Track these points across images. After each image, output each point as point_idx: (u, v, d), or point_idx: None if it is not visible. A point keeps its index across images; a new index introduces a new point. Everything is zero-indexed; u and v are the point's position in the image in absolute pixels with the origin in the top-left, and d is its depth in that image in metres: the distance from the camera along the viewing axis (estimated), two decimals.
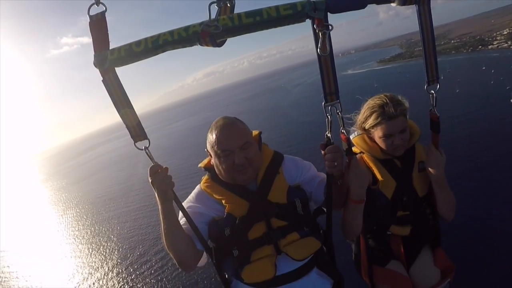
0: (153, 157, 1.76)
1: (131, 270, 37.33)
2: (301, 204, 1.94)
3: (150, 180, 1.72)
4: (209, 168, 2.05)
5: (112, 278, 37.72)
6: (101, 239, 49.89)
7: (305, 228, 1.94)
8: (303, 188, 2.03)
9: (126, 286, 35.00)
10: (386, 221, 2.28)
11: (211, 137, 1.91)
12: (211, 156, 2.00)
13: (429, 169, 2.08)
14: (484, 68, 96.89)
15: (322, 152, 1.84)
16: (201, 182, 2.06)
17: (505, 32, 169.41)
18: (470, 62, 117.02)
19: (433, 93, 1.88)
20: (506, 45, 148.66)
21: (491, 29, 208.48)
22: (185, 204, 1.98)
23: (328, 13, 1.54)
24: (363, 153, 2.30)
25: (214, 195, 1.94)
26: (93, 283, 38.47)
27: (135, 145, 1.75)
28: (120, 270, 38.46)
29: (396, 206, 2.23)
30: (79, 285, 39.29)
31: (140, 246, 41.24)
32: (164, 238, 1.78)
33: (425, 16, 1.68)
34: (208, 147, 1.95)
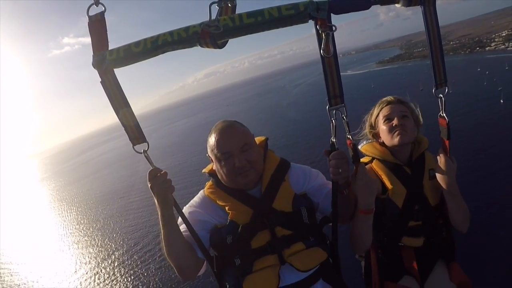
0: (152, 160, 1.70)
1: (136, 258, 39.39)
2: (307, 213, 1.86)
3: (149, 185, 1.67)
4: (212, 173, 1.98)
5: (117, 266, 39.90)
6: (106, 231, 51.87)
7: (311, 238, 1.86)
8: (310, 197, 1.95)
9: (131, 271, 37.07)
10: (397, 232, 2.18)
11: (211, 141, 1.86)
12: (212, 161, 1.94)
13: (439, 176, 2.00)
14: (479, 69, 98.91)
15: (328, 159, 1.76)
16: (205, 188, 1.99)
17: (504, 34, 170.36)
18: (466, 63, 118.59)
19: (441, 97, 1.77)
20: (503, 46, 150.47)
21: (490, 30, 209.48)
22: (187, 208, 1.93)
23: (331, 14, 1.52)
24: (372, 161, 2.26)
25: (218, 201, 1.87)
26: (100, 270, 40.48)
27: (133, 148, 1.69)
28: (126, 259, 40.58)
29: (407, 216, 2.14)
30: (87, 273, 41.28)
31: (144, 238, 43.19)
32: (163, 246, 1.73)
33: (431, 17, 1.63)
34: (209, 151, 1.90)
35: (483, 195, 29.39)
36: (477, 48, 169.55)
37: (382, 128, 2.20)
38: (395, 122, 2.12)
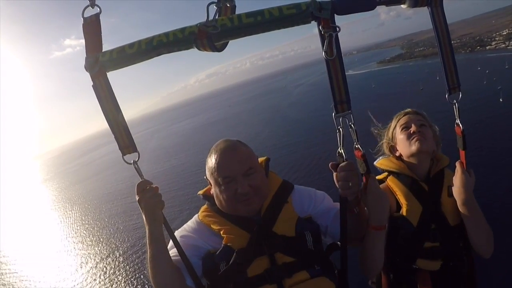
0: (142, 172, 1.60)
1: (140, 254, 39.91)
2: (312, 238, 1.69)
3: (137, 198, 1.57)
4: (208, 196, 1.84)
5: (122, 262, 40.66)
6: (110, 230, 52.54)
7: (316, 266, 1.66)
8: (316, 221, 1.79)
9: (135, 267, 37.75)
10: (411, 253, 2.00)
11: (211, 162, 1.70)
12: (211, 185, 1.78)
13: (455, 191, 1.86)
14: (479, 68, 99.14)
15: (334, 173, 1.60)
16: (199, 212, 1.84)
17: (504, 33, 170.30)
18: (466, 62, 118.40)
19: (455, 103, 1.65)
20: (503, 45, 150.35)
21: (491, 29, 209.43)
22: (179, 233, 1.79)
23: (335, 15, 1.45)
24: (387, 177, 2.13)
25: (212, 226, 1.71)
26: (105, 267, 41.16)
27: (123, 158, 1.58)
28: (130, 255, 41.32)
29: (423, 235, 1.97)
30: (92, 270, 41.92)
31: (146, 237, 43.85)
32: (149, 266, 1.58)
33: (439, 18, 1.57)
34: (208, 174, 1.74)
35: (484, 192, 29.75)
36: (478, 47, 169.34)
37: (400, 137, 2.10)
38: (413, 129, 2.02)
